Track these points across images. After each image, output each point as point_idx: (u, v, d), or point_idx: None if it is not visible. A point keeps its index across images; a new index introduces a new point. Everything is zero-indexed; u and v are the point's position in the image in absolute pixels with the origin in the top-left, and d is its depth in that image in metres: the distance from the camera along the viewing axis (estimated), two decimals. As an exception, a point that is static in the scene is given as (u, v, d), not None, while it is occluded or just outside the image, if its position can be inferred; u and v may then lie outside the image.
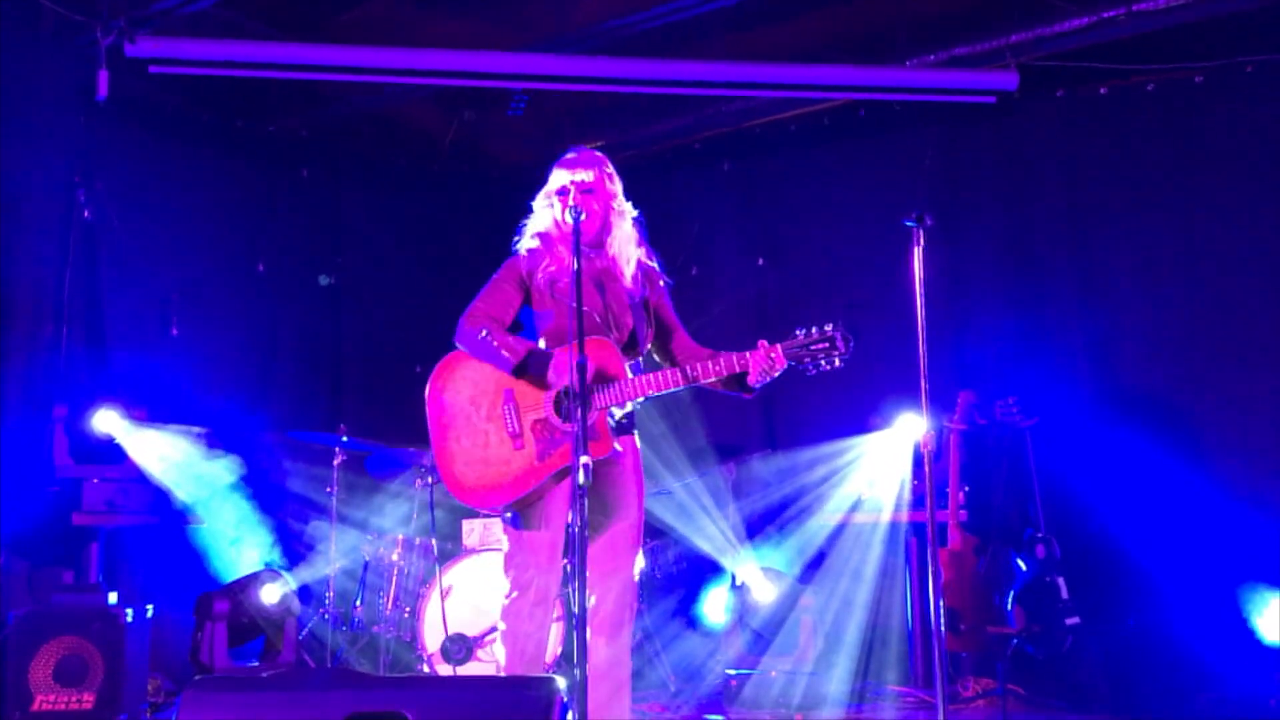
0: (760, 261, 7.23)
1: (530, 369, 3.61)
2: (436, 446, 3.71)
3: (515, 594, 3.65)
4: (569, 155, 3.82)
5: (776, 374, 3.57)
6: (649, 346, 3.84)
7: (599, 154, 3.84)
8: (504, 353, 3.62)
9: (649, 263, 3.86)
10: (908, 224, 3.81)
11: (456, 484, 3.67)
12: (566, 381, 3.52)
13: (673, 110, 7.02)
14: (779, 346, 3.57)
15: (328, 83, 6.37)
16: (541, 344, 3.73)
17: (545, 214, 3.81)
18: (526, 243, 3.83)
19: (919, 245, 3.81)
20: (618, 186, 3.82)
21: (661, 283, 3.87)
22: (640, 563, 3.76)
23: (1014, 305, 6.39)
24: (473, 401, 3.69)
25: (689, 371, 3.59)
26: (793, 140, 7.19)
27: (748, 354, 3.58)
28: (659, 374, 3.60)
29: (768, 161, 7.35)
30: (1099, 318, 6.19)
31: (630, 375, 3.63)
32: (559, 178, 3.77)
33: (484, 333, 3.67)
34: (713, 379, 3.62)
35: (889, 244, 4.53)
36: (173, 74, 5.84)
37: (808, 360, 3.56)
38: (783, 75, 6.19)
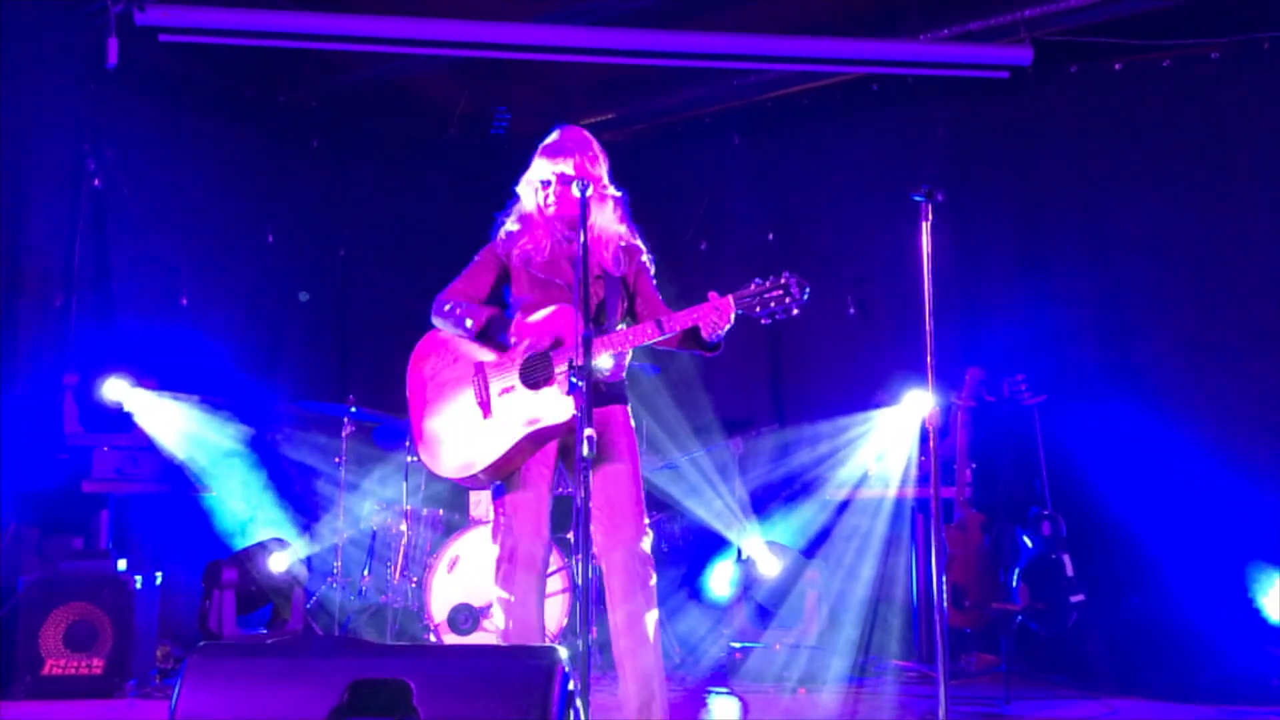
0: (770, 236, 7.21)
1: (490, 332, 3.71)
2: (414, 423, 3.82)
3: (503, 562, 3.70)
4: (551, 140, 3.83)
5: (726, 325, 3.55)
6: (623, 318, 3.85)
7: (583, 136, 3.83)
8: (467, 320, 3.73)
9: (632, 240, 3.88)
10: (916, 198, 3.78)
11: (432, 458, 3.77)
12: (526, 341, 3.64)
13: (683, 83, 6.99)
14: (730, 296, 3.56)
15: (338, 52, 6.35)
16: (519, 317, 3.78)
17: (529, 197, 3.85)
18: (508, 226, 3.88)
19: (927, 220, 3.79)
20: (601, 169, 3.81)
21: (644, 258, 3.89)
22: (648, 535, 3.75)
23: (1024, 282, 6.37)
24: (445, 378, 3.79)
25: (660, 324, 3.58)
26: (804, 114, 7.15)
27: (697, 307, 3.56)
28: (612, 334, 3.62)
29: (779, 135, 7.32)
30: (1109, 296, 6.16)
31: None
32: (539, 168, 3.80)
33: (448, 305, 3.78)
34: (664, 335, 3.59)
35: (899, 219, 4.51)
36: (183, 42, 5.82)
37: (759, 308, 3.54)
38: (795, 48, 6.15)
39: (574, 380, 3.45)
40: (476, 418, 3.69)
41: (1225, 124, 5.92)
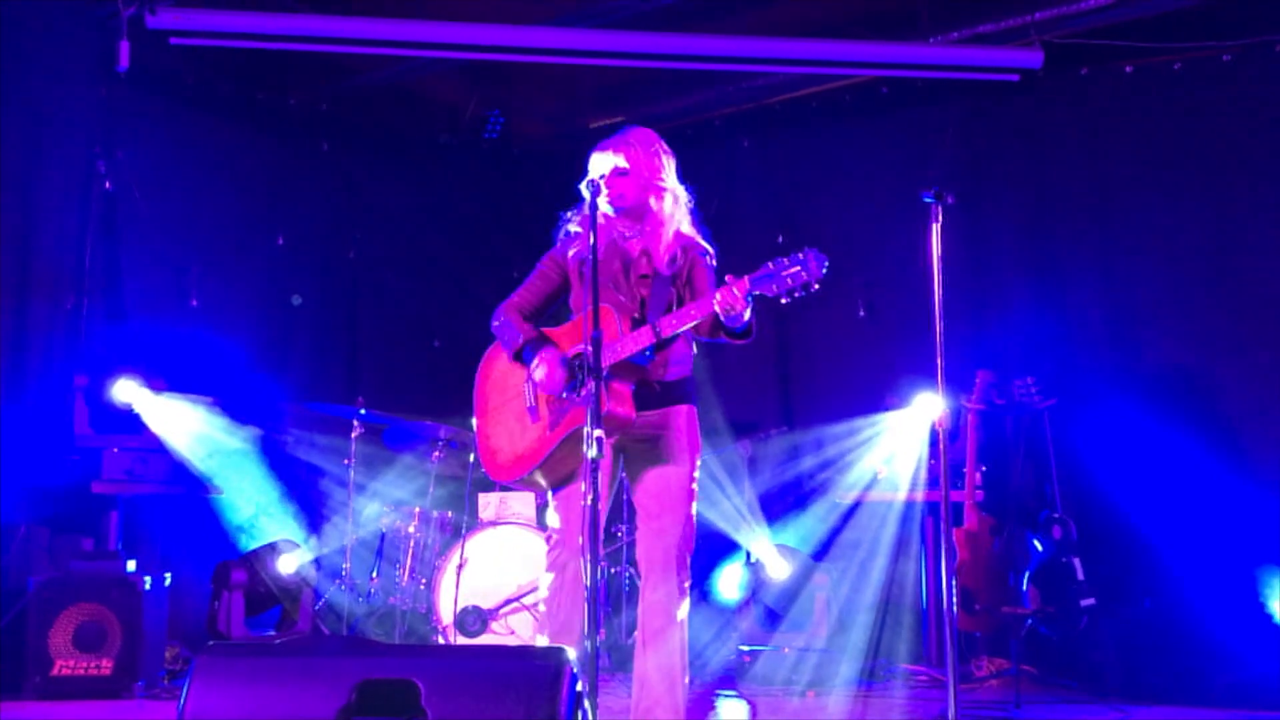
0: (780, 239, 7.19)
1: (523, 356, 3.78)
2: (478, 430, 3.93)
3: (551, 574, 3.76)
4: (610, 137, 3.82)
5: (742, 307, 3.46)
6: None
7: (643, 133, 3.82)
8: (506, 341, 3.84)
9: (694, 239, 3.84)
10: (926, 199, 3.77)
11: (491, 462, 3.87)
12: (543, 372, 3.67)
13: (693, 86, 6.98)
14: (746, 277, 3.49)
15: (349, 55, 6.36)
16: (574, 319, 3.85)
17: (586, 195, 3.82)
18: (570, 227, 3.90)
19: (937, 222, 3.78)
20: (661, 163, 3.79)
21: (704, 255, 3.84)
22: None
23: (1034, 285, 6.35)
24: (503, 385, 3.89)
25: (656, 326, 3.56)
26: (814, 117, 7.14)
27: (709, 296, 3.52)
28: (631, 334, 3.58)
29: (788, 138, 7.31)
30: (1119, 298, 6.14)
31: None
32: (595, 163, 3.77)
33: (498, 322, 3.88)
34: (674, 329, 3.55)
35: (909, 222, 4.51)
36: (194, 45, 5.85)
37: (776, 287, 3.47)
38: (805, 51, 6.15)
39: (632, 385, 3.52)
40: (527, 422, 3.76)
41: (1236, 127, 5.89)
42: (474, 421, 3.95)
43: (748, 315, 3.51)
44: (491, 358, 3.96)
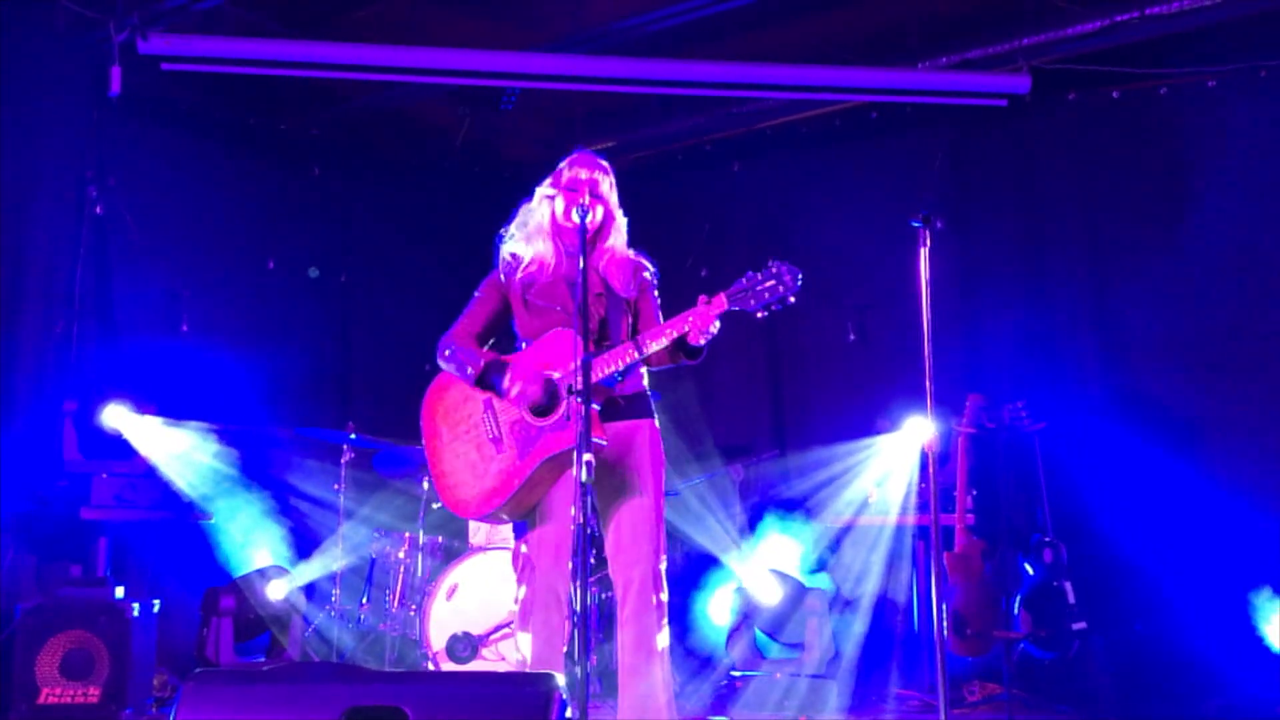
0: (769, 263, 7.21)
1: (489, 380, 3.69)
2: (431, 466, 3.82)
3: (524, 592, 3.69)
4: (578, 154, 3.83)
5: (711, 325, 3.48)
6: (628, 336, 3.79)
7: (594, 156, 3.85)
8: (467, 368, 3.72)
9: (637, 260, 3.86)
10: (914, 224, 3.79)
11: (452, 499, 3.75)
12: (519, 389, 3.60)
13: (684, 111, 7.02)
14: (721, 294, 3.49)
15: (340, 80, 6.38)
16: (523, 346, 3.78)
17: (544, 207, 3.81)
18: (509, 247, 3.86)
19: (925, 246, 3.80)
20: (615, 194, 3.83)
21: (646, 274, 3.85)
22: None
23: (1024, 309, 6.38)
24: (457, 417, 3.78)
25: (638, 344, 3.54)
26: (803, 141, 7.18)
27: (684, 315, 3.50)
28: (610, 352, 3.56)
29: (778, 163, 7.35)
30: (1109, 322, 6.17)
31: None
32: (570, 173, 3.76)
33: (448, 351, 3.78)
34: (656, 345, 3.54)
35: (899, 246, 4.52)
36: (185, 71, 5.85)
37: (753, 301, 3.47)
38: (794, 76, 6.18)
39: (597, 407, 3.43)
40: (491, 453, 3.67)
41: (1222, 151, 5.93)
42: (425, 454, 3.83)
43: (715, 329, 3.50)
44: (441, 387, 3.83)
